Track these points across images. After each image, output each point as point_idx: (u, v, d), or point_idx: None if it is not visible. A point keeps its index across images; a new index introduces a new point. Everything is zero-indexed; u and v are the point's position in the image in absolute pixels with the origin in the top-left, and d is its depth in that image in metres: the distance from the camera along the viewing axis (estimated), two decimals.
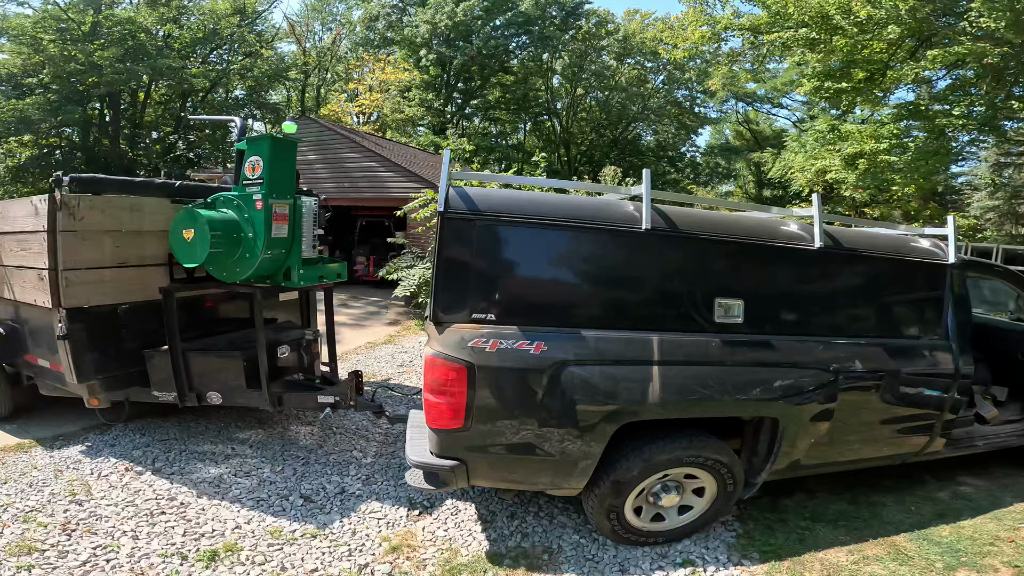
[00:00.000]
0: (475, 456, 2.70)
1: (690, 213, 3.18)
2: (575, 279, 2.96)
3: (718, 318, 2.89)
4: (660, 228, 2.85)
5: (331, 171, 13.04)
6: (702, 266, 2.96)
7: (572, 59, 30.57)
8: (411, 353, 7.27)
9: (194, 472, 3.79)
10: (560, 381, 2.62)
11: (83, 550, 2.86)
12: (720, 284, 2.95)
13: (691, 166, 36.21)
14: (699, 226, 2.97)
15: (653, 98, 32.00)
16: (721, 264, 2.99)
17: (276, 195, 3.77)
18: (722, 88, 24.66)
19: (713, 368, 2.82)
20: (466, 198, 2.75)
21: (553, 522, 3.32)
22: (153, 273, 4.07)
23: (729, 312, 2.91)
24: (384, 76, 28.12)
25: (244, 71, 21.33)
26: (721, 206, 6.44)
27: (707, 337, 2.86)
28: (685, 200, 4.33)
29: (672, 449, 2.82)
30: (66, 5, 18.03)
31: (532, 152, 19.68)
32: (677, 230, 2.88)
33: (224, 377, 4.00)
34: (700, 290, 2.91)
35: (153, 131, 21.11)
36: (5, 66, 17.67)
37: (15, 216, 3.95)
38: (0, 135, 18.24)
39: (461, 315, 2.68)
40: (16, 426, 4.42)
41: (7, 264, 4.11)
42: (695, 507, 3.06)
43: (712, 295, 2.90)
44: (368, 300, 11.35)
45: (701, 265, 2.96)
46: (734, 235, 2.99)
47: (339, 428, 4.66)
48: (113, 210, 3.85)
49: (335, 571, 2.84)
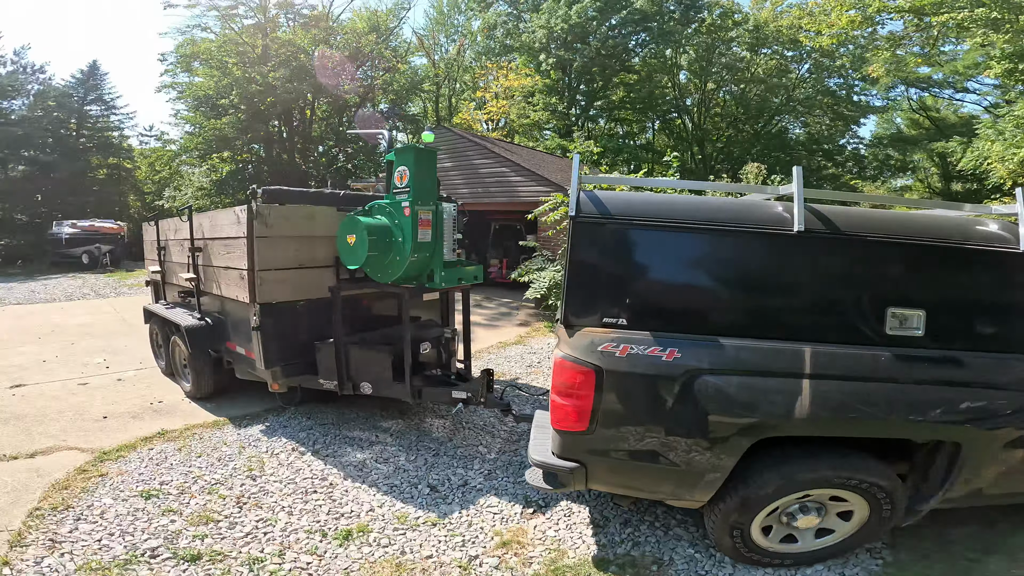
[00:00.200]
0: (596, 460, 2.70)
1: (854, 212, 2.86)
2: (714, 285, 2.79)
3: (890, 330, 2.56)
4: (816, 230, 2.60)
5: (465, 177, 13.74)
6: (870, 272, 2.64)
7: (698, 53, 28.73)
8: (539, 354, 7.41)
9: (344, 455, 4.20)
10: (693, 390, 2.52)
11: (248, 522, 3.28)
12: (894, 292, 2.61)
13: (854, 159, 32.03)
14: (866, 226, 2.65)
15: (799, 88, 28.89)
16: (896, 270, 2.64)
17: (420, 202, 4.07)
18: (885, 74, 21.51)
19: (881, 385, 2.51)
20: (597, 202, 2.75)
21: (668, 533, 3.22)
22: (323, 274, 4.62)
23: (906, 324, 2.57)
24: (508, 83, 28.95)
25: (385, 85, 23.26)
26: (895, 204, 5.64)
27: (875, 351, 2.55)
28: (847, 198, 3.87)
29: (819, 468, 2.61)
30: (240, 30, 21.07)
31: (663, 152, 18.89)
32: (838, 231, 2.61)
33: (375, 369, 4.38)
34: (867, 299, 2.61)
35: (319, 145, 23.86)
36: (202, 88, 21.06)
37: (222, 224, 4.74)
38: (204, 152, 21.79)
39: (592, 319, 2.69)
40: (215, 405, 5.25)
41: (216, 265, 4.93)
42: (837, 531, 2.82)
43: (883, 304, 2.58)
44: (500, 301, 11.77)
45: (868, 271, 2.64)
46: (913, 236, 2.62)
47: (468, 423, 4.89)
48: (294, 218, 4.45)
49: (447, 559, 2.99)
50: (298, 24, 22.17)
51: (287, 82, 19.09)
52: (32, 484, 3.61)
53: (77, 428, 4.65)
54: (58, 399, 5.39)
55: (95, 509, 3.34)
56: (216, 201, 20.83)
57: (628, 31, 26.85)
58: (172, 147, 25.03)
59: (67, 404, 5.24)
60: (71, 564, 2.82)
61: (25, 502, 3.39)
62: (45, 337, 8.33)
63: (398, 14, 24.68)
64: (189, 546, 3.01)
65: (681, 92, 31.21)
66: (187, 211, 5.30)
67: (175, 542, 3.04)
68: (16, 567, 2.78)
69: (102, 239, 20.26)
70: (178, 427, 4.68)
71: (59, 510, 3.31)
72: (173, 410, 5.14)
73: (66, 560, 2.85)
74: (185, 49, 21.48)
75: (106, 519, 3.24)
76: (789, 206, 2.67)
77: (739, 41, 28.14)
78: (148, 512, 3.33)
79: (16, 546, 2.94)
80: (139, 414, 5.02)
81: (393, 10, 24.92)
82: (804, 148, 30.26)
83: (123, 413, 5.04)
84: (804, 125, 31.96)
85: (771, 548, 2.83)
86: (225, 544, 3.05)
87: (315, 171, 22.03)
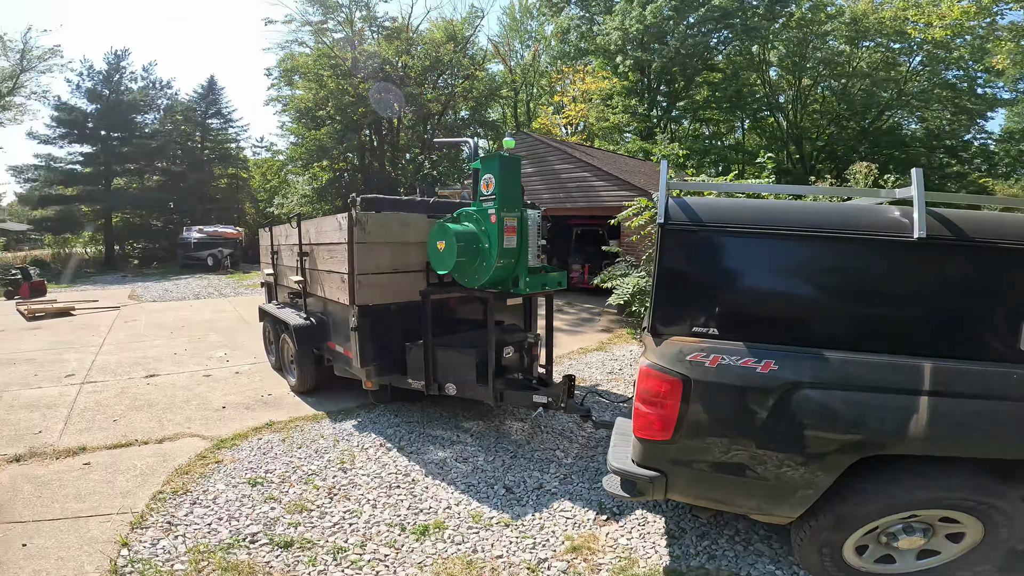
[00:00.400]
0: (678, 470, 2.65)
1: (982, 216, 2.59)
2: (817, 295, 2.64)
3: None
4: (940, 236, 2.39)
5: (546, 182, 13.80)
6: (1002, 282, 2.40)
7: (789, 49, 26.81)
8: (621, 361, 7.27)
9: (426, 453, 4.36)
10: (790, 404, 2.42)
11: (336, 513, 3.47)
12: None
13: (982, 156, 28.50)
14: (998, 232, 2.40)
15: (911, 82, 26.14)
16: None
17: (506, 209, 4.15)
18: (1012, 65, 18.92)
19: (1015, 404, 2.30)
20: (687, 208, 2.69)
21: (748, 548, 3.07)
22: (414, 278, 4.84)
23: None
24: (585, 86, 28.65)
25: (465, 92, 23.94)
26: None
27: (1007, 367, 2.32)
28: (973, 201, 3.48)
29: (932, 488, 2.44)
30: (331, 43, 22.52)
31: (754, 152, 17.80)
32: (965, 237, 2.38)
33: (460, 371, 4.52)
34: (998, 311, 2.38)
35: (406, 153, 25.07)
36: (303, 101, 22.79)
37: (326, 231, 5.11)
38: (307, 161, 23.59)
39: (680, 328, 2.65)
40: (315, 399, 5.66)
41: (320, 269, 5.31)
42: (943, 553, 2.65)
43: (1017, 317, 2.35)
44: (582, 307, 11.70)
45: (1000, 281, 2.40)
46: None
47: (547, 427, 4.91)
48: (389, 225, 4.70)
49: (517, 560, 3.01)
50: (381, 36, 23.40)
51: (376, 92, 20.22)
52: (158, 468, 4.08)
53: (200, 416, 5.21)
54: (185, 389, 6.07)
55: (209, 494, 3.69)
56: (317, 207, 22.50)
57: (708, 29, 25.64)
58: (280, 157, 27.34)
59: (192, 394, 5.89)
60: (182, 547, 3.11)
61: (150, 485, 3.82)
62: (176, 332, 9.44)
63: (472, 22, 25.41)
64: (284, 533, 3.24)
65: (772, 89, 29.30)
66: (296, 218, 5.76)
67: (272, 528, 3.29)
68: (133, 548, 3.07)
69: (224, 243, 22.62)
70: (283, 419, 5.10)
71: (178, 494, 3.68)
72: (280, 403, 5.61)
73: (178, 543, 3.14)
74: (286, 63, 23.42)
75: (217, 504, 3.57)
76: (908, 210, 2.49)
77: (835, 34, 25.97)
78: (253, 499, 3.64)
79: (136, 527, 3.28)
80: (251, 405, 5.53)
81: (468, 18, 25.68)
82: (922, 144, 27.29)
83: (238, 404, 5.57)
84: (921, 120, 28.85)
85: (864, 568, 2.67)
86: (315, 533, 3.25)
87: (403, 178, 23.12)
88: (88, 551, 3.04)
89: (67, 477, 3.92)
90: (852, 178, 9.56)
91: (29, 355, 7.58)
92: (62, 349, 8.00)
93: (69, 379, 6.42)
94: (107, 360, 7.33)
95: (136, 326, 10.01)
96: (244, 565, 2.94)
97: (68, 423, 4.99)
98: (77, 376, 6.54)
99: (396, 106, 21.62)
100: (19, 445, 4.46)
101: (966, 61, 24.68)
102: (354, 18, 23.00)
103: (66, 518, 3.37)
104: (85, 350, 7.92)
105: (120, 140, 26.67)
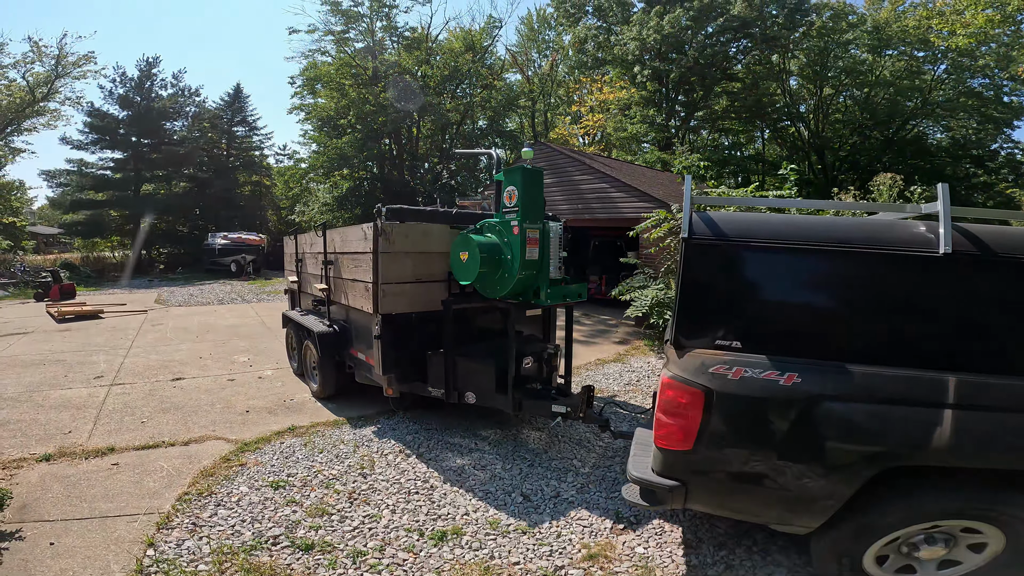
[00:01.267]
0: (698, 479, 2.68)
1: (1009, 232, 2.59)
2: (840, 309, 2.67)
3: None
4: (966, 251, 2.41)
5: (565, 193, 13.83)
6: None
7: (810, 58, 26.59)
8: (638, 373, 7.24)
9: (444, 460, 4.40)
10: (813, 416, 2.45)
11: (356, 517, 3.53)
12: None
13: (1009, 166, 27.89)
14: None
15: (936, 90, 25.72)
16: None
17: (529, 221, 4.20)
18: None
19: None
20: (711, 223, 2.73)
21: (766, 559, 3.06)
22: (436, 288, 4.90)
23: None
24: (602, 96, 28.69)
25: (484, 102, 24.15)
26: None
27: None
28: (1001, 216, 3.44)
29: (955, 499, 2.46)
30: (352, 53, 22.90)
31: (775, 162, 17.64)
32: (992, 253, 2.40)
33: (480, 380, 4.56)
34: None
35: (424, 162, 25.35)
36: (325, 109, 23.18)
37: (351, 239, 5.19)
38: (328, 170, 23.94)
39: (703, 341, 2.69)
40: (336, 405, 5.74)
41: (344, 277, 5.40)
42: (964, 563, 2.64)
43: None
44: (599, 318, 11.68)
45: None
46: None
47: (565, 437, 4.91)
48: (413, 235, 4.77)
49: (534, 567, 3.03)
50: (401, 46, 23.76)
51: (396, 101, 20.53)
52: (184, 470, 4.17)
53: (224, 420, 5.31)
54: (210, 392, 6.20)
55: (233, 496, 3.77)
56: (337, 215, 22.82)
57: (727, 38, 25.57)
58: (302, 165, 27.80)
59: (217, 397, 6.01)
60: (206, 547, 3.17)
61: (177, 486, 3.90)
62: (201, 336, 9.64)
63: (491, 32, 25.67)
64: (305, 536, 3.30)
65: (793, 98, 29.04)
66: (322, 227, 5.87)
67: (294, 531, 3.35)
68: (159, 547, 3.14)
69: (247, 250, 23.03)
70: (305, 424, 5.17)
71: (204, 495, 3.76)
72: (302, 408, 5.69)
73: (203, 544, 3.21)
74: (309, 72, 23.88)
75: (241, 506, 3.64)
76: (933, 225, 2.52)
77: (857, 43, 25.72)
78: (275, 502, 3.70)
79: (163, 528, 3.36)
80: (274, 410, 5.62)
81: (486, 28, 25.94)
82: (947, 154, 26.80)
83: (262, 408, 5.67)
84: (946, 129, 28.36)
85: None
86: (335, 536, 3.30)
87: (422, 187, 23.37)
88: (115, 550, 3.11)
89: (95, 477, 4.02)
90: (876, 190, 9.43)
91: (59, 356, 7.81)
92: (91, 351, 8.22)
93: (98, 380, 6.60)
94: (135, 362, 7.52)
95: (162, 330, 10.25)
96: (266, 567, 2.99)
97: (97, 424, 5.13)
98: (106, 378, 6.71)
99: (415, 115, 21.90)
100: (49, 445, 4.59)
101: (991, 69, 24.28)
102: (375, 28, 23.43)
103: (94, 517, 3.46)
104: (113, 352, 8.14)
105: (150, 146, 27.41)
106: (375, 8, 22.64)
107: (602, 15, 29.10)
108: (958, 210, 2.55)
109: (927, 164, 25.23)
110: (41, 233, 37.27)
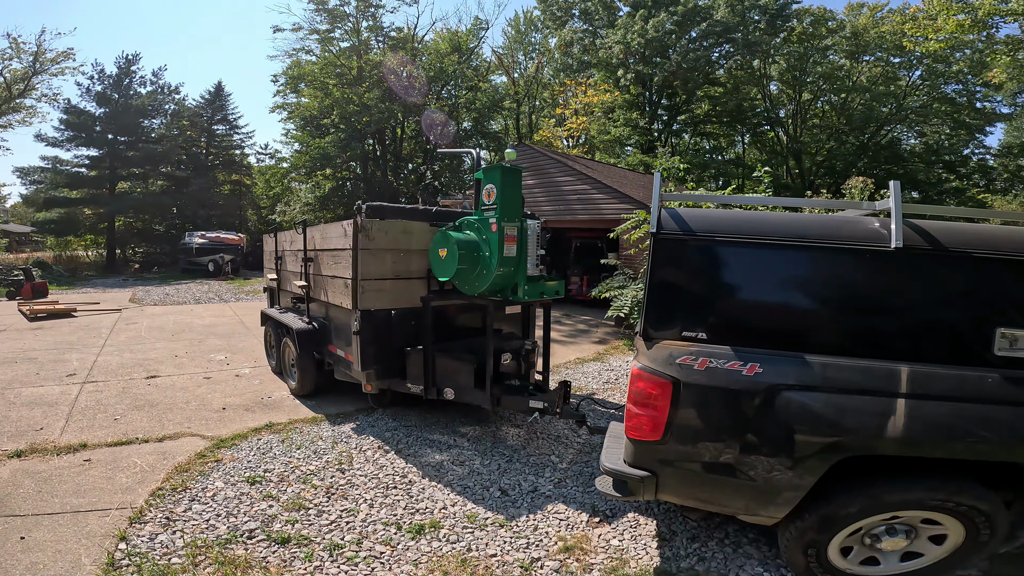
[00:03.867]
0: (667, 470, 2.73)
1: (959, 228, 2.69)
2: (798, 301, 2.77)
3: (1000, 351, 2.43)
4: (916, 245, 2.50)
5: (548, 194, 13.92)
6: (978, 290, 2.50)
7: (790, 63, 27.24)
8: (617, 371, 7.33)
9: (423, 456, 4.42)
10: (774, 406, 2.51)
11: (334, 511, 3.54)
12: (1003, 312, 2.46)
13: (980, 171, 28.81)
14: (973, 242, 2.51)
15: (911, 96, 26.51)
16: (1005, 288, 2.49)
17: (507, 219, 4.25)
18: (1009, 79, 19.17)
19: (987, 407, 2.39)
20: (678, 219, 2.81)
21: (738, 551, 3.14)
22: (415, 285, 4.93)
23: (1016, 344, 2.43)
24: (587, 99, 28.93)
25: (469, 104, 24.15)
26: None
27: (982, 372, 2.42)
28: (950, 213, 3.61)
29: (913, 490, 2.51)
30: (337, 52, 22.75)
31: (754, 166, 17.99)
32: (941, 248, 2.50)
33: (458, 376, 4.60)
34: (973, 318, 2.48)
35: (408, 163, 25.26)
36: (308, 109, 22.98)
37: (331, 236, 5.19)
38: (311, 169, 23.71)
39: (671, 332, 2.75)
40: (315, 402, 5.72)
41: (324, 274, 5.39)
42: (926, 555, 2.71)
43: (992, 324, 2.45)
44: (579, 318, 11.77)
45: (975, 289, 2.50)
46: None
47: (543, 433, 4.97)
48: (393, 232, 4.79)
49: (510, 559, 3.08)
50: (387, 46, 23.68)
51: (380, 102, 20.44)
52: (158, 466, 4.13)
53: (200, 417, 5.26)
54: (185, 390, 6.12)
55: (208, 491, 3.75)
56: (320, 215, 22.60)
57: (710, 43, 26.06)
58: (284, 164, 27.48)
59: (193, 395, 5.94)
60: (180, 541, 3.16)
61: (150, 482, 3.87)
62: (177, 335, 9.50)
63: (477, 34, 25.65)
64: (281, 530, 3.30)
65: (773, 103, 29.69)
66: (302, 224, 5.86)
67: (270, 525, 3.35)
68: (131, 541, 3.12)
69: (226, 249, 22.67)
70: (283, 421, 5.15)
71: (178, 491, 3.74)
72: (279, 405, 5.66)
73: (176, 537, 3.20)
74: (293, 71, 23.65)
75: (216, 501, 3.63)
76: (886, 222, 2.61)
77: (836, 49, 26.39)
78: (251, 496, 3.69)
79: (135, 522, 3.33)
80: (251, 407, 5.58)
81: (472, 30, 25.92)
82: (920, 159, 27.62)
83: (238, 405, 5.63)
84: (920, 135, 29.20)
85: (848, 570, 2.73)
86: (312, 530, 3.31)
87: (405, 187, 23.28)
88: (86, 544, 3.08)
89: (67, 473, 3.97)
90: (848, 192, 9.69)
91: (31, 354, 7.64)
92: (64, 349, 8.05)
93: (71, 378, 6.48)
94: (108, 361, 7.39)
95: (137, 328, 10.07)
96: (241, 560, 2.99)
97: (69, 421, 5.05)
98: (78, 376, 6.60)
99: (399, 116, 21.80)
100: (20, 441, 4.51)
101: (965, 75, 25.05)
102: (360, 28, 23.29)
103: (65, 512, 3.42)
104: (86, 351, 7.98)
105: (127, 144, 26.84)
106: (361, 8, 22.52)
107: (588, 18, 29.39)
108: (923, 207, 2.65)
109: (900, 169, 25.96)
110: (13, 231, 36.26)
